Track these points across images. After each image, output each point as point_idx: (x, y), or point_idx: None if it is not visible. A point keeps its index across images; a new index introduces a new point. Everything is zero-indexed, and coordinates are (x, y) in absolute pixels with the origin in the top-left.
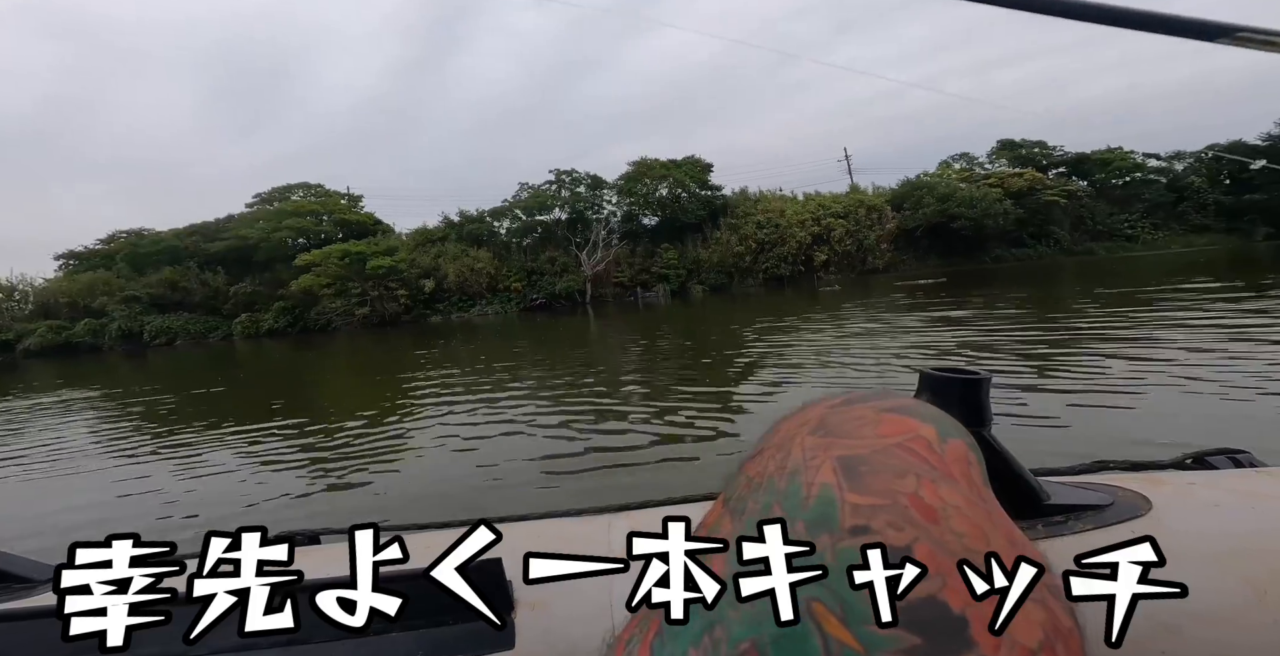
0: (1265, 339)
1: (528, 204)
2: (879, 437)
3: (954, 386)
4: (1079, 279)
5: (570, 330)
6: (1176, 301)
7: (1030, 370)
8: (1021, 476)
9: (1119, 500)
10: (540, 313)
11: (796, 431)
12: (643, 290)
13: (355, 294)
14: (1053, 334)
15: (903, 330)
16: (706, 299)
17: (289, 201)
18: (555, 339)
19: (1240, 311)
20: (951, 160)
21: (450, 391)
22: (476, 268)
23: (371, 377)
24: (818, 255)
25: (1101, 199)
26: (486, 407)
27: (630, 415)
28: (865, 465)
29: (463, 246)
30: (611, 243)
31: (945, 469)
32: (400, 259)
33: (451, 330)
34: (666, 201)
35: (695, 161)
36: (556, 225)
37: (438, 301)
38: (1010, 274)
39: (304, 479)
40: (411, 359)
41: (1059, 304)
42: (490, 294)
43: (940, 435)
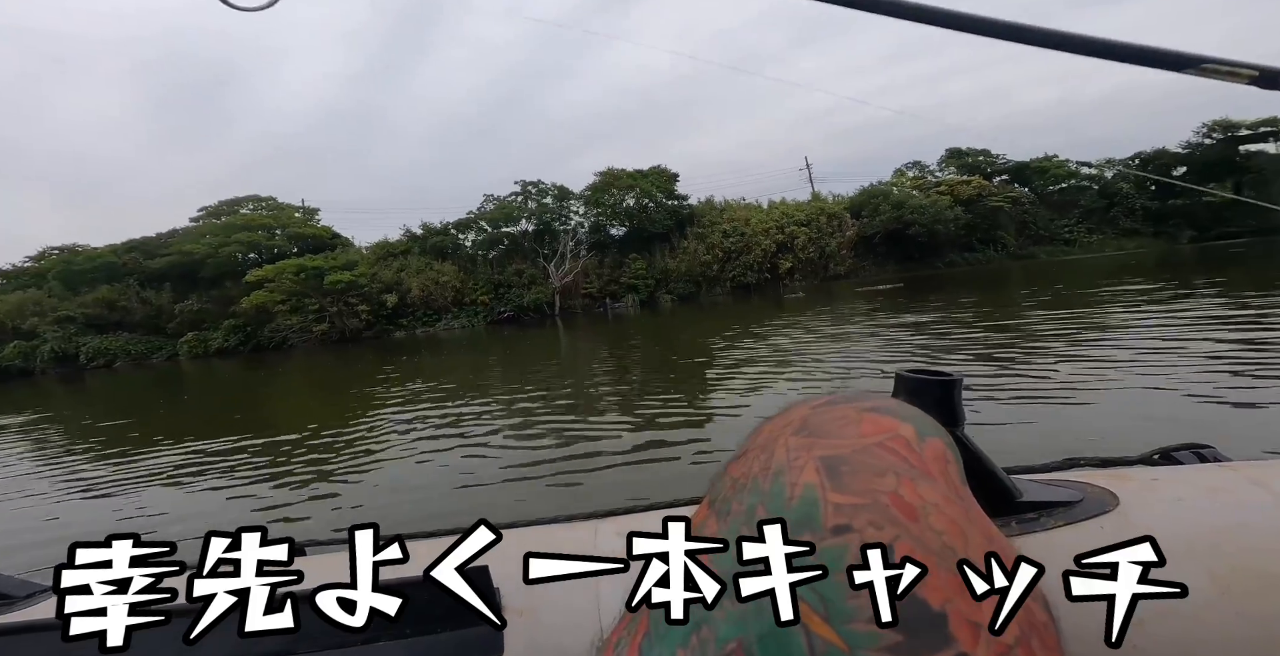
0: (1200, 337)
1: (493, 216)
2: (860, 437)
3: (929, 387)
4: (1024, 282)
5: (539, 342)
6: (1116, 301)
7: (986, 371)
8: (995, 474)
9: (1088, 496)
10: (508, 326)
11: (780, 432)
12: (612, 301)
13: (313, 310)
14: (1004, 335)
15: (864, 335)
16: (675, 308)
17: (238, 215)
18: (524, 352)
19: (1174, 311)
20: (905, 168)
21: (416, 406)
22: (441, 281)
23: (332, 395)
24: (783, 263)
25: (1042, 205)
26: (455, 422)
27: (603, 424)
28: (846, 465)
29: (426, 260)
30: (579, 254)
31: (924, 467)
32: (360, 273)
33: (417, 345)
34: (634, 212)
35: (661, 171)
36: (523, 237)
37: (401, 316)
38: (962, 278)
39: (261, 500)
40: (374, 375)
41: (1007, 307)
42: (456, 308)
43: (919, 434)
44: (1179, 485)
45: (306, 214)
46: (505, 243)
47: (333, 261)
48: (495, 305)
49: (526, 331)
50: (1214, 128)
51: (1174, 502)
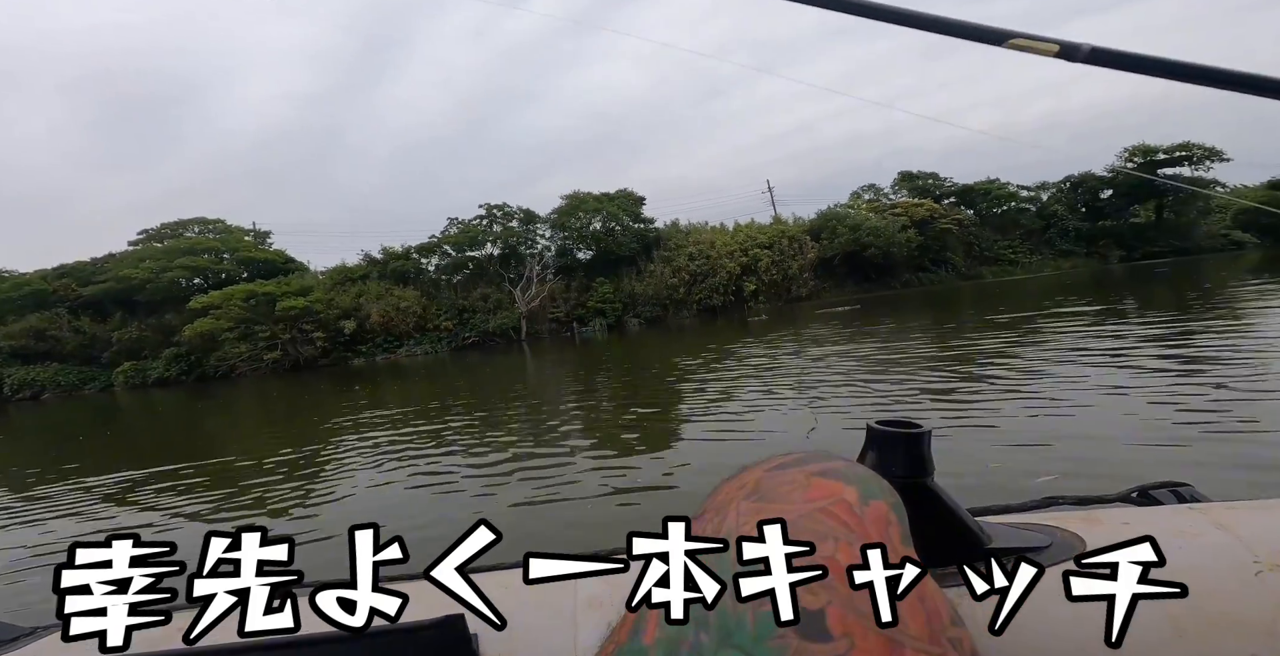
0: (1136, 363)
1: (457, 239)
2: (806, 502)
3: (898, 440)
4: (973, 303)
5: (505, 368)
6: (1059, 322)
7: (937, 396)
8: (962, 522)
9: (1056, 542)
10: (473, 351)
11: (735, 494)
12: (579, 325)
13: (263, 337)
14: (955, 357)
15: (818, 358)
16: (643, 332)
17: (182, 239)
18: (490, 378)
19: (1114, 332)
20: (861, 191)
21: (373, 437)
22: (402, 306)
23: (279, 426)
24: (747, 285)
25: (986, 226)
26: (414, 455)
27: (572, 456)
28: (789, 530)
29: (387, 285)
30: (546, 278)
31: (863, 531)
32: (316, 299)
33: (376, 373)
34: (600, 235)
35: (628, 194)
36: (489, 261)
37: (360, 343)
38: (915, 299)
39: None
40: (329, 404)
41: (954, 329)
42: (418, 333)
43: (862, 497)
44: (1147, 528)
45: (258, 237)
46: (470, 267)
47: (286, 287)
48: (459, 330)
49: (492, 357)
50: (1134, 153)
51: None
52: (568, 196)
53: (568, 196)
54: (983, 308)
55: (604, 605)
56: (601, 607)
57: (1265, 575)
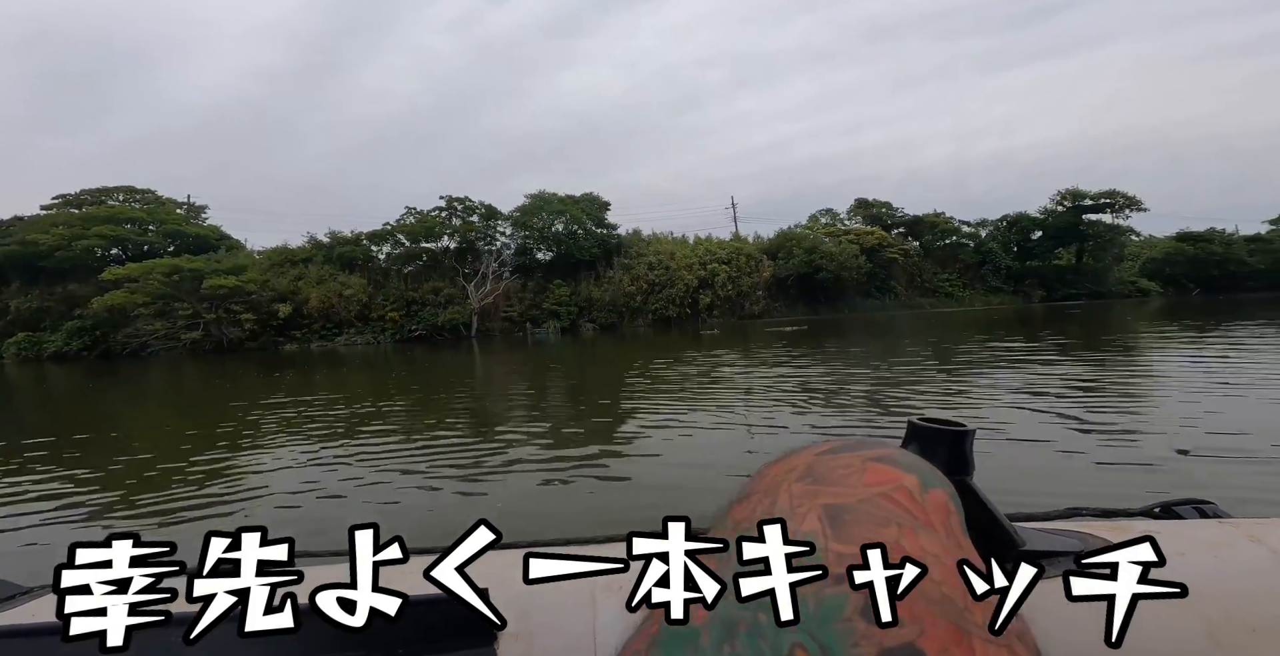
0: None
1: (413, 229)
2: (864, 487)
3: (942, 438)
4: (913, 331)
5: (452, 364)
6: (991, 354)
7: (879, 415)
8: (999, 523)
9: (1089, 547)
10: (419, 345)
11: (784, 477)
12: (532, 326)
13: (184, 315)
14: (890, 381)
15: (775, 376)
16: (597, 337)
17: (103, 206)
18: (434, 372)
19: (1024, 361)
20: (819, 214)
21: (293, 427)
22: (345, 293)
23: (179, 409)
24: (703, 299)
25: (929, 258)
26: (338, 446)
27: (519, 454)
28: (850, 514)
29: (331, 269)
30: (503, 276)
31: (926, 518)
32: (249, 279)
33: (309, 360)
34: (562, 237)
35: (594, 199)
36: (444, 254)
37: (294, 328)
38: (859, 324)
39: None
40: (246, 389)
41: (899, 353)
42: (361, 323)
43: (922, 485)
44: (1181, 540)
45: (191, 211)
46: (424, 259)
47: (216, 264)
48: (406, 323)
49: (439, 352)
50: (1065, 196)
51: (1176, 556)
52: (532, 195)
53: (532, 195)
54: (920, 337)
55: (622, 587)
56: (620, 590)
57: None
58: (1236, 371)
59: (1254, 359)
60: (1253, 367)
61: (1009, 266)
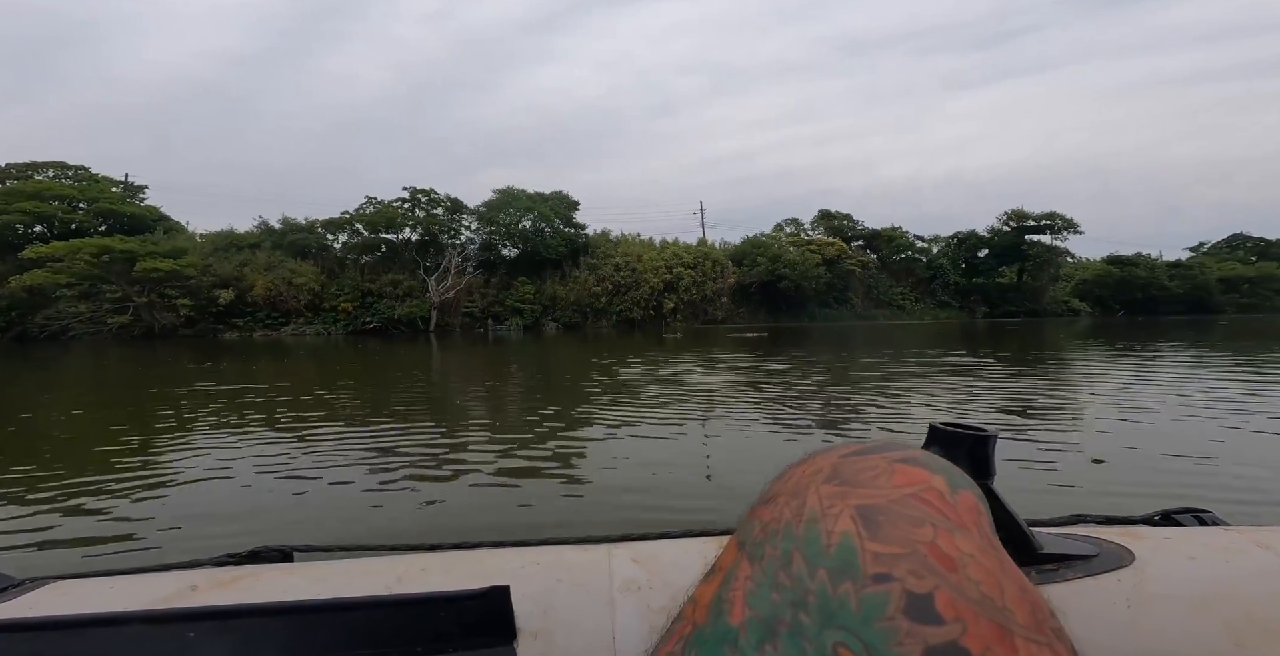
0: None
1: (373, 219)
2: (894, 488)
3: (964, 441)
4: (869, 342)
5: (407, 358)
6: (935, 368)
7: (818, 423)
8: (1019, 526)
9: (1104, 551)
10: (374, 337)
11: (810, 479)
12: (494, 323)
13: (112, 299)
14: (846, 391)
15: (734, 380)
16: (560, 337)
17: (29, 181)
18: (387, 366)
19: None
20: (784, 224)
21: (221, 417)
22: (295, 282)
23: (93, 395)
24: (667, 302)
25: (885, 271)
26: (277, 437)
27: (472, 451)
28: (883, 514)
29: (281, 256)
30: (466, 270)
31: (958, 519)
32: (188, 263)
33: (251, 349)
34: (529, 234)
35: (563, 197)
36: (405, 246)
37: (237, 316)
38: (819, 333)
39: None
40: (173, 376)
41: (854, 363)
42: (311, 313)
43: (951, 486)
44: (1191, 545)
45: (129, 191)
46: (383, 250)
47: (152, 246)
48: (360, 314)
49: (393, 345)
50: (1011, 216)
51: (1188, 560)
52: (500, 191)
53: (500, 191)
54: (874, 348)
55: (640, 588)
56: (639, 591)
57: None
58: (1149, 388)
59: (1167, 376)
60: (1163, 384)
61: (957, 282)
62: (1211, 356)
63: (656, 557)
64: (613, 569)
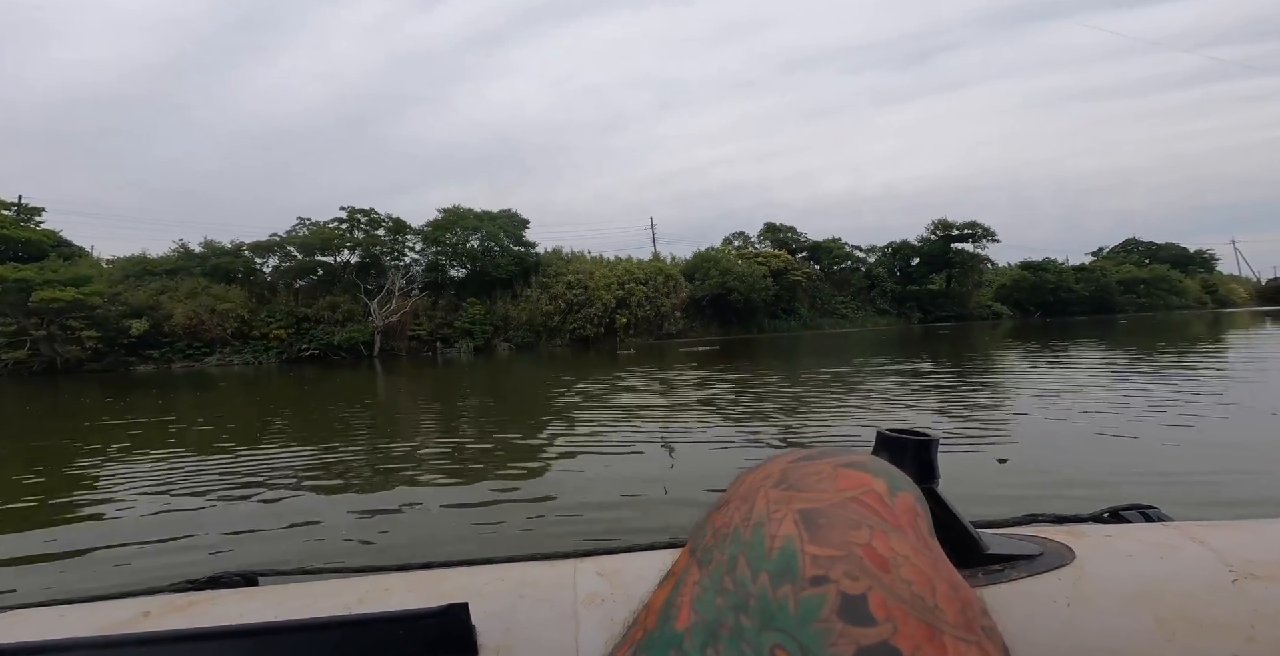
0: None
1: (306, 241)
2: (836, 491)
3: (908, 446)
4: (814, 351)
5: (346, 385)
6: (879, 373)
7: (771, 432)
8: (964, 527)
9: (1047, 550)
10: (311, 364)
11: (760, 484)
12: (443, 345)
13: (6, 332)
14: (795, 397)
15: (686, 393)
16: (513, 357)
17: None
18: (323, 395)
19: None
20: (732, 237)
21: (128, 456)
22: (220, 308)
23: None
24: (620, 318)
25: (828, 281)
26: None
27: (425, 473)
28: (824, 518)
29: (204, 282)
30: (411, 292)
31: (895, 520)
32: (94, 291)
33: (170, 382)
34: (477, 254)
35: (512, 215)
36: (344, 268)
37: (152, 346)
38: (769, 343)
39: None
40: (71, 414)
41: (798, 374)
42: (239, 341)
43: (891, 489)
44: (1130, 542)
45: (22, 213)
46: (319, 273)
47: (50, 274)
48: (295, 341)
49: (333, 372)
50: (937, 226)
51: (1125, 558)
52: (446, 210)
53: (446, 210)
54: (820, 356)
55: (604, 602)
56: (603, 605)
57: (1241, 583)
58: (1063, 387)
59: (1079, 373)
60: (1076, 381)
61: (893, 290)
62: (1118, 353)
63: (622, 571)
64: (577, 583)
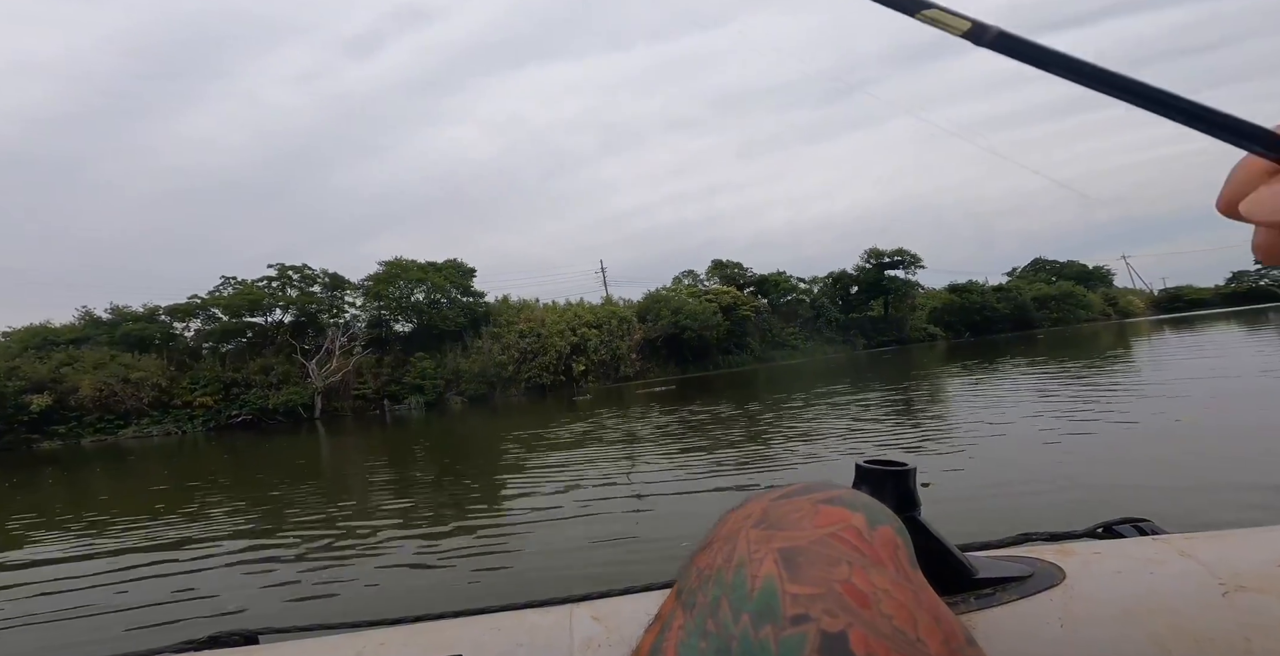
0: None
1: (232, 301)
2: (815, 528)
3: (886, 478)
4: (766, 384)
5: (280, 452)
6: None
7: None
8: (951, 554)
9: (1038, 571)
10: (244, 432)
11: (741, 524)
12: (392, 402)
13: None
14: (751, 432)
15: (636, 437)
16: (466, 410)
17: None
18: (252, 462)
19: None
20: (681, 276)
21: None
22: (134, 378)
23: None
24: (576, 364)
25: (776, 314)
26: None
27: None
28: (803, 556)
29: (113, 351)
30: (353, 350)
31: (875, 555)
32: None
33: (76, 460)
34: (423, 307)
35: (458, 265)
36: (277, 329)
37: (56, 422)
38: (726, 380)
39: None
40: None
41: (751, 407)
42: (159, 411)
43: (869, 522)
44: (1119, 559)
45: None
46: (249, 335)
47: None
48: (225, 408)
49: (268, 438)
50: (870, 255)
51: (1115, 575)
52: (388, 262)
53: (388, 262)
54: (774, 389)
55: (600, 646)
56: (599, 649)
57: (1231, 596)
58: (988, 405)
59: (1000, 393)
60: (999, 400)
61: (837, 318)
62: (1043, 368)
63: (617, 614)
64: (573, 628)
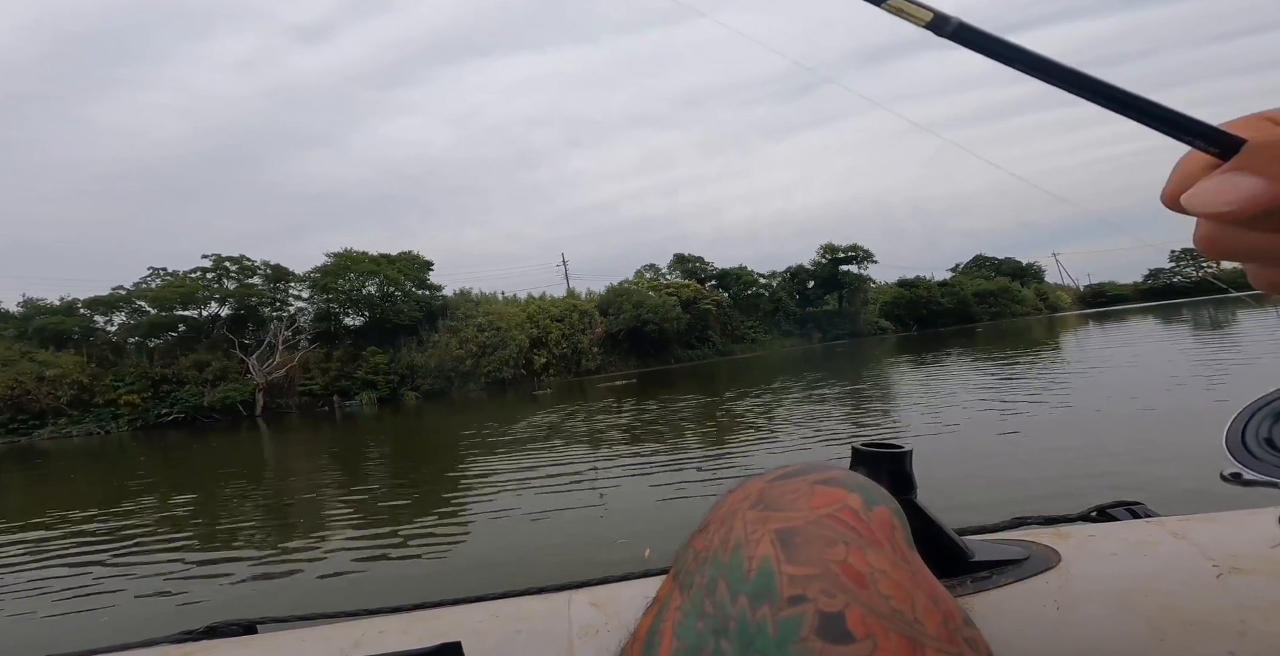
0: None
1: (161, 294)
2: (812, 509)
3: (883, 460)
4: (727, 377)
5: (209, 453)
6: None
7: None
8: (948, 536)
9: (1034, 554)
10: (176, 430)
11: (738, 505)
12: (342, 399)
13: None
14: (716, 428)
15: (597, 431)
16: (422, 406)
17: None
18: (184, 465)
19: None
20: (644, 270)
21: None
22: (49, 375)
23: None
24: (538, 358)
25: (737, 308)
26: None
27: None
28: (800, 536)
29: (25, 347)
30: (299, 345)
31: (871, 535)
32: None
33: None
34: (376, 300)
35: (413, 258)
36: (212, 322)
37: None
38: (686, 373)
39: None
40: None
41: (712, 401)
42: (78, 410)
43: (866, 503)
44: (1113, 541)
45: None
46: (180, 329)
47: None
48: (153, 406)
49: (200, 438)
50: (825, 250)
51: (1109, 557)
52: (337, 254)
53: (337, 254)
54: (734, 382)
55: (599, 632)
56: (597, 635)
57: (1225, 578)
58: (942, 390)
59: (952, 379)
60: (950, 384)
61: (795, 312)
62: (986, 359)
63: (615, 600)
64: (572, 615)
